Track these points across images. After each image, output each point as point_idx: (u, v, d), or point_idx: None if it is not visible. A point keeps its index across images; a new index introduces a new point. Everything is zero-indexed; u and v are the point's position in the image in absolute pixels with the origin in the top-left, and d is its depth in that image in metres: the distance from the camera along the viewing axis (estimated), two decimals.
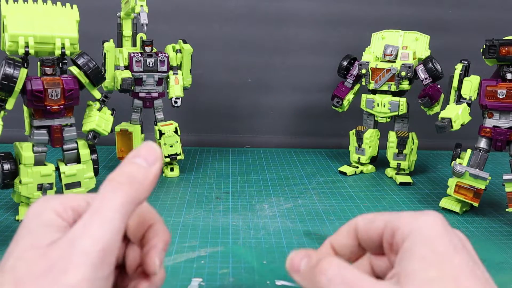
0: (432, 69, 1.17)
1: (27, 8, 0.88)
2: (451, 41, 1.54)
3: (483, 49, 0.96)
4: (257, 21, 1.51)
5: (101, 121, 0.95)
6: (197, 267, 0.73)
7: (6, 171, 0.87)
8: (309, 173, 1.27)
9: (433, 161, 1.45)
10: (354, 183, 1.19)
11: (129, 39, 1.16)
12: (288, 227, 0.89)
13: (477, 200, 0.96)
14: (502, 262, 0.78)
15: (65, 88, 0.86)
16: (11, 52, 0.85)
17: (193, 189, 1.11)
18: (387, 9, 1.52)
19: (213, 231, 0.87)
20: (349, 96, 1.29)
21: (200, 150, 1.48)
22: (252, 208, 0.99)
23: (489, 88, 0.95)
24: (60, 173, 0.91)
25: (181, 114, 1.45)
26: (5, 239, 0.81)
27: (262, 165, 1.34)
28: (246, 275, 0.71)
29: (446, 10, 1.55)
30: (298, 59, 1.54)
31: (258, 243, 0.82)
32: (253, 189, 1.12)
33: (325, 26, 1.53)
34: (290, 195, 1.08)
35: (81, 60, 0.89)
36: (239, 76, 1.54)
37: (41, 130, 0.88)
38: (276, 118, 1.59)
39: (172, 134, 1.17)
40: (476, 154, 0.98)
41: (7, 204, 0.96)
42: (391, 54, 1.18)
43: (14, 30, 0.84)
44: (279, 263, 0.75)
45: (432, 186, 1.19)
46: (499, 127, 0.96)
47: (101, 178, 1.16)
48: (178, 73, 1.17)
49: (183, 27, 1.48)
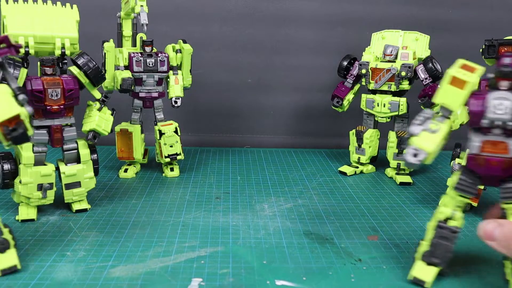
0: (432, 69, 1.17)
1: (27, 8, 0.88)
2: (451, 41, 1.54)
3: (483, 49, 0.96)
4: (257, 21, 1.51)
5: (101, 121, 0.96)
6: (197, 267, 0.73)
7: (6, 171, 0.87)
8: (309, 173, 1.27)
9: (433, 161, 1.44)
10: (354, 183, 1.19)
11: (129, 39, 1.16)
12: (288, 227, 0.89)
13: (476, 200, 0.96)
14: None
15: (65, 88, 0.86)
16: None
17: (193, 189, 1.11)
18: (387, 9, 1.52)
19: (213, 231, 0.87)
20: (349, 96, 1.29)
21: (200, 150, 1.48)
22: (252, 208, 0.99)
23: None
24: (60, 173, 0.91)
25: (181, 114, 1.45)
26: None
27: (262, 165, 1.34)
28: (246, 275, 0.71)
29: (446, 10, 1.55)
30: (298, 59, 1.54)
31: (258, 243, 0.82)
32: (253, 189, 1.12)
33: (325, 26, 1.53)
34: (290, 195, 1.08)
35: (81, 60, 0.89)
36: (239, 76, 1.54)
37: (41, 130, 0.88)
38: (276, 118, 1.59)
39: (172, 134, 1.17)
40: None
41: (7, 204, 0.96)
42: (391, 54, 1.18)
43: (14, 30, 0.84)
44: (279, 263, 0.75)
45: (432, 186, 1.19)
46: None
47: (101, 178, 1.16)
48: (178, 73, 1.17)
49: (183, 27, 1.48)
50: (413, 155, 0.66)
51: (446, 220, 0.71)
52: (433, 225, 0.71)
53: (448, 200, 0.71)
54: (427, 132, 0.67)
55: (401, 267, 0.75)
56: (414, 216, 0.97)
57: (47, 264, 0.73)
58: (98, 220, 0.90)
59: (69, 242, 0.80)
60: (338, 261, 0.76)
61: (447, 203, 0.71)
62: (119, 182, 1.15)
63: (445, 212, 0.71)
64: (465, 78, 0.65)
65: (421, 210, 1.01)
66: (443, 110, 0.68)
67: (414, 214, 0.99)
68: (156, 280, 0.69)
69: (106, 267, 0.72)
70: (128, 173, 1.19)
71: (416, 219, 0.95)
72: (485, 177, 0.67)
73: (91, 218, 0.91)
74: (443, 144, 0.69)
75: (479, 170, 0.67)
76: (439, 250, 0.70)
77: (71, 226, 0.87)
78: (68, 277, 0.69)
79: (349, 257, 0.78)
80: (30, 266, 0.72)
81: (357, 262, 0.76)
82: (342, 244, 0.82)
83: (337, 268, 0.74)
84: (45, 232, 0.84)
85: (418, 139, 0.66)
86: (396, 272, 0.73)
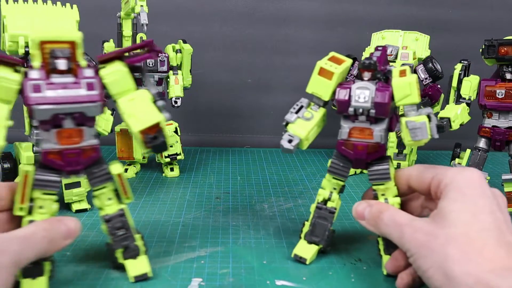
0: (432, 69, 1.17)
1: (27, 8, 0.88)
2: (451, 41, 1.54)
3: (482, 49, 0.96)
4: (257, 21, 1.51)
5: (101, 121, 0.96)
6: (197, 267, 0.73)
7: (6, 170, 0.87)
8: (309, 173, 1.27)
9: (433, 161, 1.45)
10: (354, 183, 1.19)
11: (129, 39, 1.16)
12: (288, 227, 0.89)
13: None
14: None
15: None
16: (11, 52, 0.85)
17: (193, 189, 1.11)
18: (387, 9, 1.52)
19: (213, 231, 0.87)
20: None
21: (200, 150, 1.48)
22: (252, 208, 0.99)
23: (488, 88, 0.95)
24: None
25: (181, 114, 1.45)
26: None
27: (262, 165, 1.34)
28: (246, 275, 0.71)
29: (446, 10, 1.55)
30: (298, 59, 1.54)
31: (258, 243, 0.82)
32: (253, 189, 1.12)
33: (325, 26, 1.53)
34: (290, 195, 1.08)
35: None
36: (239, 76, 1.54)
37: None
38: (276, 118, 1.58)
39: (172, 134, 1.17)
40: (475, 154, 0.98)
41: None
42: (391, 54, 1.18)
43: (14, 30, 0.84)
44: (279, 263, 0.75)
45: None
46: (498, 127, 0.96)
47: None
48: (178, 73, 1.17)
49: (183, 27, 1.48)
50: (288, 141, 0.71)
51: (325, 202, 0.76)
52: (313, 207, 0.77)
53: (326, 183, 0.76)
54: (301, 120, 0.72)
55: None
56: None
57: None
58: (98, 220, 0.90)
59: None
60: (338, 261, 0.76)
61: (325, 186, 0.76)
62: None
63: (323, 194, 0.76)
64: (331, 69, 0.70)
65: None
66: (316, 99, 0.73)
67: None
68: (156, 280, 0.69)
69: (106, 267, 0.72)
70: (128, 173, 1.19)
71: None
72: (355, 160, 0.72)
73: (91, 218, 0.91)
74: (316, 131, 0.74)
75: (348, 154, 0.72)
76: (318, 229, 0.75)
77: None
78: (68, 277, 0.69)
79: (349, 257, 0.78)
80: None
81: (357, 262, 0.76)
82: (342, 244, 0.82)
83: (337, 268, 0.74)
84: None
85: (293, 126, 0.72)
86: None
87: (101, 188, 0.68)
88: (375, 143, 0.70)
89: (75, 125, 0.63)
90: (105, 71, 0.64)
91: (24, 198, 0.62)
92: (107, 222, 0.68)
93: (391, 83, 0.68)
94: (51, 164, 0.63)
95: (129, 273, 0.68)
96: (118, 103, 0.65)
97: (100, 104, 0.63)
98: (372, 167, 0.71)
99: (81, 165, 0.64)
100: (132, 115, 0.64)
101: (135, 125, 0.63)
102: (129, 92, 0.65)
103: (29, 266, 0.60)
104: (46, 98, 0.60)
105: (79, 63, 0.63)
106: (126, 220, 0.69)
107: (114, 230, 0.68)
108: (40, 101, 0.60)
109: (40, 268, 0.62)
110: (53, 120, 0.61)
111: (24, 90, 0.60)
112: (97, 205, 0.69)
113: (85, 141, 0.64)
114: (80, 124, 0.63)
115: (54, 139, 0.62)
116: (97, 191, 0.67)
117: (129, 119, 0.64)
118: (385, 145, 0.71)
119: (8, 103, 0.60)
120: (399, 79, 0.68)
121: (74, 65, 0.62)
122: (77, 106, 0.62)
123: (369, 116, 0.69)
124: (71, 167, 0.64)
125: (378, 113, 0.69)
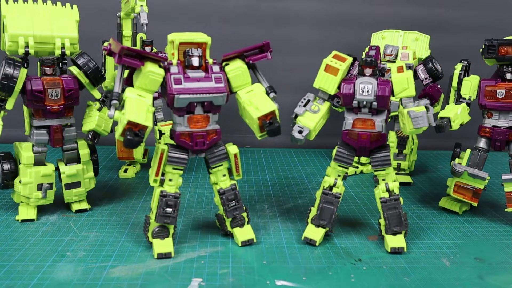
0: (432, 69, 1.17)
1: (27, 8, 0.88)
2: (451, 41, 1.54)
3: (482, 49, 0.96)
4: (257, 21, 1.51)
5: (101, 121, 0.96)
6: (197, 267, 0.73)
7: (6, 171, 0.87)
8: (309, 173, 1.27)
9: (433, 161, 1.45)
10: (354, 183, 1.19)
11: (129, 39, 1.16)
12: (288, 227, 0.89)
13: (476, 200, 0.96)
14: (502, 262, 0.78)
15: (65, 88, 0.86)
16: (11, 52, 0.85)
17: (193, 189, 1.11)
18: (387, 9, 1.52)
19: (213, 231, 0.87)
20: None
21: None
22: (252, 208, 0.99)
23: (488, 88, 0.95)
24: (60, 173, 0.91)
25: None
26: (5, 239, 0.81)
27: (262, 165, 1.34)
28: (246, 275, 0.71)
29: (446, 10, 1.55)
30: (298, 59, 1.54)
31: (258, 243, 0.82)
32: (253, 189, 1.12)
33: (325, 26, 1.53)
34: (290, 195, 1.08)
35: (81, 60, 0.89)
36: None
37: (41, 130, 0.88)
38: None
39: None
40: (476, 154, 0.98)
41: (7, 204, 0.96)
42: (391, 54, 1.18)
43: (14, 30, 0.84)
44: (279, 263, 0.75)
45: (432, 186, 1.19)
46: (498, 127, 0.96)
47: (101, 178, 1.16)
48: None
49: (183, 27, 1.47)
50: (299, 132, 0.78)
51: (330, 188, 0.82)
52: (319, 193, 0.83)
53: (331, 170, 0.83)
54: (309, 112, 0.80)
55: (401, 267, 0.75)
56: (414, 216, 0.97)
57: (47, 264, 0.73)
58: (98, 220, 0.90)
59: (69, 242, 0.80)
60: (338, 261, 0.76)
61: (330, 173, 0.83)
62: (119, 182, 1.15)
63: (329, 180, 0.83)
64: (337, 66, 0.79)
65: (421, 210, 1.01)
66: (322, 94, 0.82)
67: (414, 214, 0.99)
68: (156, 280, 0.69)
69: (106, 267, 0.72)
70: (128, 173, 1.19)
71: (416, 219, 0.95)
72: (358, 149, 0.80)
73: (91, 218, 0.91)
74: (322, 123, 0.82)
75: (353, 143, 0.80)
76: (325, 213, 0.82)
77: (71, 226, 0.87)
78: (68, 277, 0.69)
79: (349, 257, 0.78)
80: (30, 266, 0.72)
81: (357, 262, 0.76)
82: (342, 244, 0.82)
83: (337, 268, 0.74)
84: (45, 232, 0.84)
85: (302, 118, 0.80)
86: (396, 272, 0.73)
87: (218, 166, 0.79)
88: (377, 132, 0.79)
89: (203, 112, 0.74)
90: (229, 67, 0.76)
91: (159, 172, 0.75)
92: (222, 195, 0.79)
93: (387, 78, 0.78)
94: (182, 144, 0.75)
95: (238, 239, 0.80)
96: (238, 94, 0.77)
97: (225, 94, 0.74)
98: (375, 154, 0.80)
99: (205, 145, 0.76)
100: (251, 103, 0.75)
101: (254, 112, 0.74)
102: (247, 85, 0.77)
103: (158, 229, 0.76)
104: (185, 89, 0.71)
105: (208, 61, 0.75)
106: (238, 193, 0.80)
107: (227, 202, 0.79)
108: (181, 91, 0.71)
109: (167, 230, 0.76)
110: (187, 107, 0.73)
111: (168, 82, 0.71)
112: (212, 181, 0.80)
113: (210, 125, 0.76)
114: (207, 111, 0.75)
115: (185, 123, 0.74)
116: (214, 168, 0.79)
117: (249, 107, 0.75)
118: (386, 134, 0.79)
119: (152, 93, 0.72)
120: (398, 75, 0.77)
121: (203, 62, 0.74)
122: (208, 96, 0.73)
123: (371, 108, 0.78)
124: (198, 147, 0.75)
125: (380, 105, 0.77)
